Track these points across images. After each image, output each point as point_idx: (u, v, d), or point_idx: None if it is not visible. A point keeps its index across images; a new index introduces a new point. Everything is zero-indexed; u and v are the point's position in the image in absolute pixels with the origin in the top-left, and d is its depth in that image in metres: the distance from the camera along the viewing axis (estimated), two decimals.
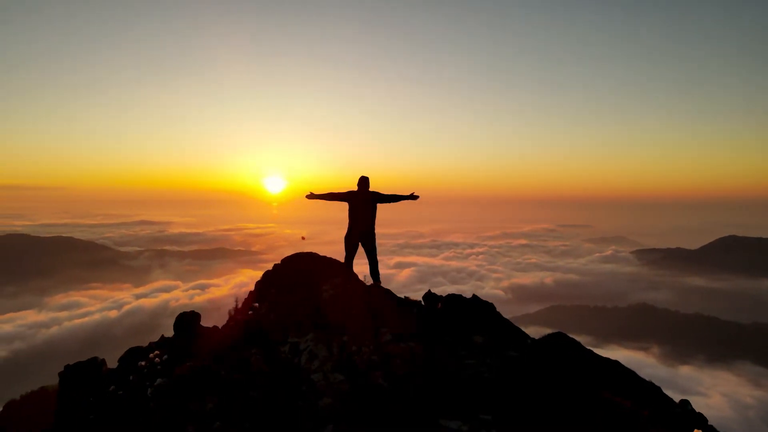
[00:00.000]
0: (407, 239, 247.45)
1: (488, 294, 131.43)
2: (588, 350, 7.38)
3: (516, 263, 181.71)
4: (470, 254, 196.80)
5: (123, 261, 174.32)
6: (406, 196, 9.06)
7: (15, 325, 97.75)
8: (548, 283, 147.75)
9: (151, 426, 5.88)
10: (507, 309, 65.16)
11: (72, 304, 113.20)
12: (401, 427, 5.02)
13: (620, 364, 7.23)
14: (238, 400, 6.06)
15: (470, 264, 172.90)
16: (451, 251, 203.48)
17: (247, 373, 6.69)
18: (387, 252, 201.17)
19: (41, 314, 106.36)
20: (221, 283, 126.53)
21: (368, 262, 9.26)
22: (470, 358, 6.51)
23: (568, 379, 5.96)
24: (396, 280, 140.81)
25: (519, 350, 6.89)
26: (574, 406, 5.29)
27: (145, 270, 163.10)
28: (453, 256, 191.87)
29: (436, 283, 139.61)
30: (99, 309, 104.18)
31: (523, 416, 5.09)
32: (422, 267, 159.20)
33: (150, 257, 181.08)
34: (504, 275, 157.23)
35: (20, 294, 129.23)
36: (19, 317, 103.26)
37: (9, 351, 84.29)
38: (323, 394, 6.03)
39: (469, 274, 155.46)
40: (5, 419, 18.55)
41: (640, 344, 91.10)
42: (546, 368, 6.31)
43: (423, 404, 5.36)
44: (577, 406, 5.27)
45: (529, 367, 6.25)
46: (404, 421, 5.10)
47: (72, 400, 7.75)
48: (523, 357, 6.62)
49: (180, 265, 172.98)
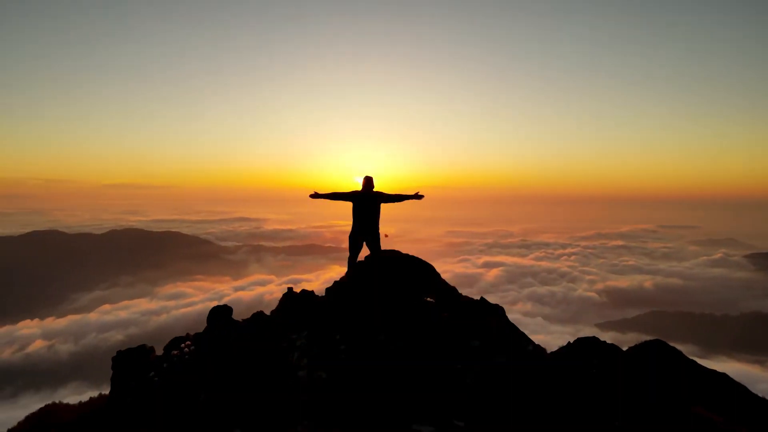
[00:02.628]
0: (496, 238, 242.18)
1: (581, 296, 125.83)
2: (690, 360, 6.91)
3: (612, 265, 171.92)
4: (562, 255, 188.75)
5: (223, 255, 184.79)
6: (411, 195, 8.98)
7: (130, 311, 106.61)
8: (648, 287, 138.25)
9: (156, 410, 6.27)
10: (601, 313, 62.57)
11: (179, 294, 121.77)
12: (374, 429, 4.98)
13: (728, 377, 6.71)
14: (228, 391, 6.28)
15: (561, 265, 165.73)
16: (541, 251, 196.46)
17: (244, 367, 6.92)
18: (475, 251, 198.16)
19: (152, 303, 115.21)
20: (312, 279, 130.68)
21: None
22: (458, 363, 6.35)
23: (598, 386, 5.60)
24: (484, 279, 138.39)
25: (513, 356, 6.60)
26: (647, 417, 4.97)
27: (243, 264, 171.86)
28: (543, 256, 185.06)
29: (525, 284, 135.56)
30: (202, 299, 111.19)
31: (497, 424, 4.91)
32: (511, 267, 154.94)
33: (247, 252, 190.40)
34: (598, 277, 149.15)
35: (135, 283, 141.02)
36: (133, 305, 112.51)
37: (125, 335, 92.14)
38: (303, 390, 6.08)
39: (561, 275, 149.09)
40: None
41: (754, 357, 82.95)
42: (538, 374, 6.01)
43: (399, 407, 5.29)
44: (652, 419, 4.95)
45: (518, 374, 5.97)
46: (378, 422, 5.05)
47: (121, 383, 8.31)
48: (511, 363, 6.34)
49: (274, 260, 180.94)
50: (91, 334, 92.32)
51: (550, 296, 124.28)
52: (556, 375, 6.09)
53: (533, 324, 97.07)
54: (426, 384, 5.83)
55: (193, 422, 5.92)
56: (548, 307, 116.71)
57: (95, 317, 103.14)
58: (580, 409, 5.18)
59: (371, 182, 8.97)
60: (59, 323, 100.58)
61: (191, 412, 6.21)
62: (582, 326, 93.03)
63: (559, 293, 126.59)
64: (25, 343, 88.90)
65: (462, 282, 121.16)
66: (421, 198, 9.00)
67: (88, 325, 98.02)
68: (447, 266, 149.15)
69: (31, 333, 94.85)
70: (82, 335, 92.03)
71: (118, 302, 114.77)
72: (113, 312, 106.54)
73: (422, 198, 8.99)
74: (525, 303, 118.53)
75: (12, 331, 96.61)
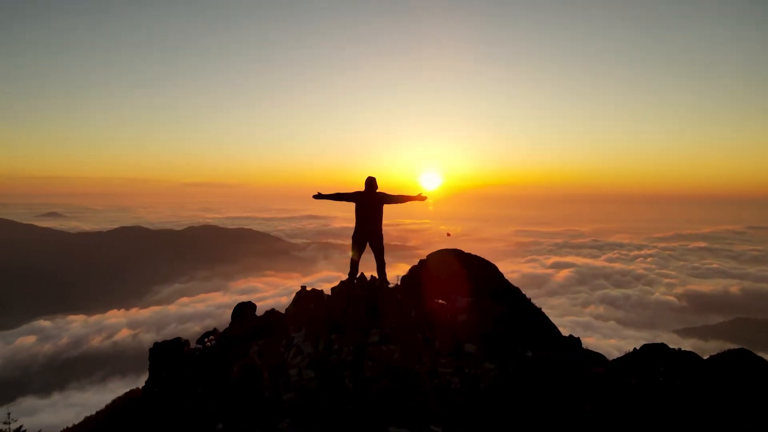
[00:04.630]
0: (566, 238, 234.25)
1: (658, 300, 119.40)
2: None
3: (693, 268, 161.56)
4: (637, 256, 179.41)
5: (293, 252, 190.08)
6: (414, 196, 8.77)
7: (206, 304, 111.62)
8: (734, 292, 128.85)
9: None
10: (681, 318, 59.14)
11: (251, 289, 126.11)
12: (350, 430, 4.94)
13: None
14: (220, 387, 6.38)
15: (637, 267, 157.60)
16: (614, 252, 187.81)
17: (242, 365, 7.01)
18: (544, 251, 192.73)
19: (226, 296, 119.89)
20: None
21: (375, 262, 9.11)
22: (447, 367, 6.18)
23: (664, 395, 5.27)
24: (553, 280, 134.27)
25: (503, 363, 6.34)
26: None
27: (312, 261, 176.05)
28: (617, 257, 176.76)
29: (597, 286, 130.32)
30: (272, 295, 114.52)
31: (476, 429, 4.77)
32: (582, 268, 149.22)
33: (316, 249, 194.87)
34: (678, 281, 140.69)
35: (211, 278, 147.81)
36: (209, 298, 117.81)
37: (201, 326, 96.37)
38: (290, 389, 6.05)
39: (636, 278, 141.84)
40: None
41: None
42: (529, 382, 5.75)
43: (379, 409, 5.22)
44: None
45: (503, 380, 5.74)
46: (355, 424, 5.00)
47: (156, 374, 8.70)
48: (498, 369, 6.09)
49: (342, 257, 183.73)
50: (171, 324, 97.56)
51: (624, 299, 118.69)
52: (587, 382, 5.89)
53: (605, 327, 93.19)
54: (409, 388, 5.80)
55: (184, 416, 6.16)
56: (622, 310, 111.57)
57: (175, 309, 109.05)
58: (627, 417, 4.98)
59: (374, 183, 8.83)
60: (143, 314, 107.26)
61: (186, 405, 6.49)
62: (659, 332, 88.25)
63: (633, 296, 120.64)
64: (113, 332, 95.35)
65: (530, 283, 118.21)
66: (424, 199, 8.85)
67: (168, 316, 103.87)
68: (514, 266, 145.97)
69: (117, 322, 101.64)
70: (163, 326, 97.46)
71: (196, 295, 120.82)
72: (191, 305, 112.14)
73: (425, 199, 8.84)
74: (597, 305, 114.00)
75: (101, 320, 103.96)
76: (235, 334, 8.87)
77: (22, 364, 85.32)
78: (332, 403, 5.74)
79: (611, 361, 7.41)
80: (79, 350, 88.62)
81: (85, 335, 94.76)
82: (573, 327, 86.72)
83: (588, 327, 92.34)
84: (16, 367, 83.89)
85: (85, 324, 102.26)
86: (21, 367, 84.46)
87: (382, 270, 9.22)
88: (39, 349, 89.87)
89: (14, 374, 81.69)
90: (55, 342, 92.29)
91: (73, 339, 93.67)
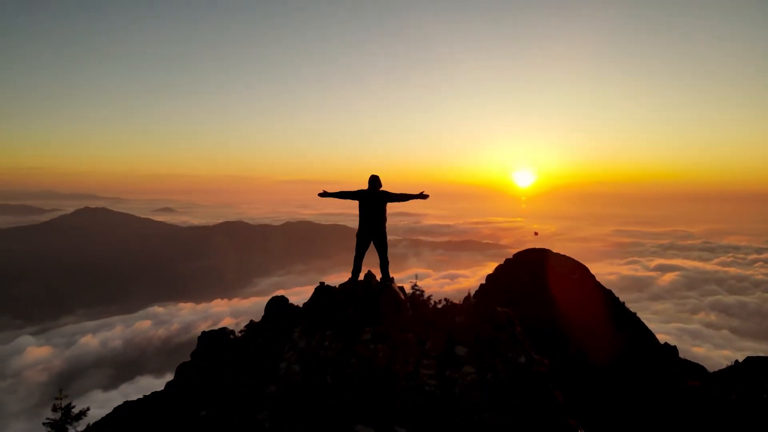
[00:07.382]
0: (673, 239, 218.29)
1: None
2: None
3: None
4: (756, 260, 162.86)
5: None
6: (416, 195, 8.79)
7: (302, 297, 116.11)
8: None
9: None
10: None
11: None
12: (317, 426, 4.98)
13: None
14: (215, 378, 6.66)
15: (756, 272, 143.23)
16: (729, 255, 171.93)
17: (240, 358, 7.28)
18: (647, 253, 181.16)
19: None
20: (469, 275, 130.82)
21: (379, 260, 9.27)
22: (429, 369, 6.07)
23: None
24: (657, 284, 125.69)
25: (489, 368, 6.12)
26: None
27: (403, 257, 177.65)
28: (732, 261, 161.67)
29: (708, 292, 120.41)
30: None
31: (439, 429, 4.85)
32: (690, 272, 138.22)
33: (407, 246, 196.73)
34: None
35: (306, 272, 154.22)
36: (304, 291, 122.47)
37: None
38: (274, 382, 6.16)
39: (754, 284, 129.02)
40: None
41: None
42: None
43: (349, 407, 5.23)
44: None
45: (481, 385, 5.54)
46: (324, 420, 5.05)
47: (202, 359, 9.35)
48: (477, 374, 5.88)
49: (432, 254, 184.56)
50: None
51: (740, 307, 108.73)
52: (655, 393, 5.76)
53: (717, 337, 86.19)
54: (384, 387, 5.86)
55: (165, 403, 6.62)
56: (737, 319, 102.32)
57: None
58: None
59: (377, 181, 8.99)
60: (244, 304, 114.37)
61: (185, 394, 7.04)
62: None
63: (751, 304, 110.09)
64: (218, 320, 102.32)
65: (629, 286, 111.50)
66: (426, 198, 8.88)
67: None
68: (612, 268, 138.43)
69: (221, 311, 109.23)
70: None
71: (292, 288, 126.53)
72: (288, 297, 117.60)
73: (427, 198, 8.87)
74: (708, 313, 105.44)
75: (207, 308, 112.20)
76: (263, 328, 9.44)
77: (141, 345, 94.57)
78: (313, 397, 5.92)
79: (711, 374, 7.05)
80: (188, 335, 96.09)
81: (193, 321, 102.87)
82: (680, 335, 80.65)
83: (697, 335, 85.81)
84: (135, 348, 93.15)
85: (193, 311, 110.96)
86: (139, 348, 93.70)
87: (385, 268, 9.47)
88: (154, 333, 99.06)
89: (134, 355, 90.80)
90: (168, 327, 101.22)
91: (183, 324, 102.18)
